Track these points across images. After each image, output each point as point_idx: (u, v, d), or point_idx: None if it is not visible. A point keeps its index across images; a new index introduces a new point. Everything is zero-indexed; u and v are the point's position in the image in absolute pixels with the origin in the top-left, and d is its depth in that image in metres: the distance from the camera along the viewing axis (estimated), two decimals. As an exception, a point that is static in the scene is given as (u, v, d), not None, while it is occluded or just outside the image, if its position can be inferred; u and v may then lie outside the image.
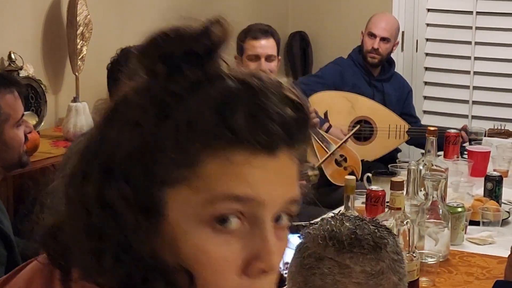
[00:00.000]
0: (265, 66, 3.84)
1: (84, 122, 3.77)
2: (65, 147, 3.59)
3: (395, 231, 2.24)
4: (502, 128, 4.19)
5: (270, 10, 5.25)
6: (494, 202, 3.01)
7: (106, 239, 0.83)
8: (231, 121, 0.82)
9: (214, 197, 0.82)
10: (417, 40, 5.20)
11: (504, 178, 3.17)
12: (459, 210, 2.75)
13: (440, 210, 2.62)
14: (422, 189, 2.80)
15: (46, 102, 3.84)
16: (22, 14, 3.84)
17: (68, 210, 0.87)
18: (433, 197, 2.63)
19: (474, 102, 5.08)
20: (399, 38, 4.75)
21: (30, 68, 3.75)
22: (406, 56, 5.22)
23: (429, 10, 5.17)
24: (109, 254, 0.83)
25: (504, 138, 4.06)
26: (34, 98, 3.79)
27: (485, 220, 2.86)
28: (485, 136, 4.03)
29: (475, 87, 5.07)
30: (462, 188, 3.15)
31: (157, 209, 0.83)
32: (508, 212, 3.04)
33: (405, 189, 2.62)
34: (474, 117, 5.00)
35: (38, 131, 3.64)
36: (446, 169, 3.12)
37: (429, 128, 3.26)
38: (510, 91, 4.94)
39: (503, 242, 2.71)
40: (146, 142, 0.83)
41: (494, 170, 3.36)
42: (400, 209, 2.32)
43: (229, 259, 0.83)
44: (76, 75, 3.94)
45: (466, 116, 5.01)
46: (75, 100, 3.91)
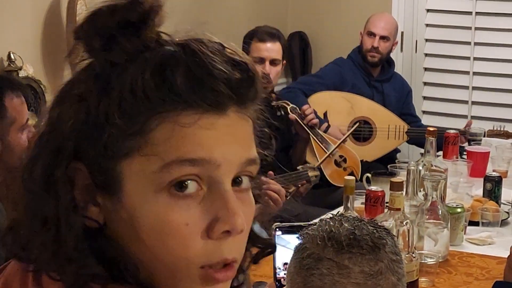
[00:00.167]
0: (269, 69, 3.82)
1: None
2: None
3: (395, 232, 2.24)
4: (502, 129, 4.19)
5: (269, 10, 5.24)
6: (494, 202, 3.01)
7: (57, 225, 0.82)
8: (172, 82, 0.81)
9: (168, 163, 0.81)
10: (416, 40, 5.20)
11: (503, 179, 3.17)
12: (459, 210, 2.75)
13: (439, 211, 2.62)
14: (422, 189, 2.81)
15: (45, 102, 3.84)
16: (22, 14, 3.84)
17: (23, 201, 0.86)
18: (432, 197, 2.63)
19: (474, 103, 5.08)
20: (399, 39, 4.76)
21: (30, 68, 3.75)
22: (406, 56, 5.21)
23: (428, 10, 5.16)
24: (64, 244, 0.82)
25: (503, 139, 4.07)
26: (33, 98, 3.79)
27: (484, 220, 2.86)
28: (484, 137, 4.03)
29: (475, 88, 5.07)
30: (462, 188, 3.15)
31: (116, 184, 0.83)
32: (507, 212, 3.04)
33: (404, 189, 2.62)
34: (473, 117, 4.98)
35: (37, 131, 3.65)
36: (446, 169, 3.13)
37: (428, 128, 3.27)
38: (509, 92, 4.94)
39: (503, 242, 2.71)
40: (92, 115, 0.83)
41: (494, 171, 3.36)
42: (399, 209, 2.32)
43: (191, 224, 0.82)
44: (75, 75, 3.95)
45: (465, 116, 5.00)
46: (75, 100, 3.91)
